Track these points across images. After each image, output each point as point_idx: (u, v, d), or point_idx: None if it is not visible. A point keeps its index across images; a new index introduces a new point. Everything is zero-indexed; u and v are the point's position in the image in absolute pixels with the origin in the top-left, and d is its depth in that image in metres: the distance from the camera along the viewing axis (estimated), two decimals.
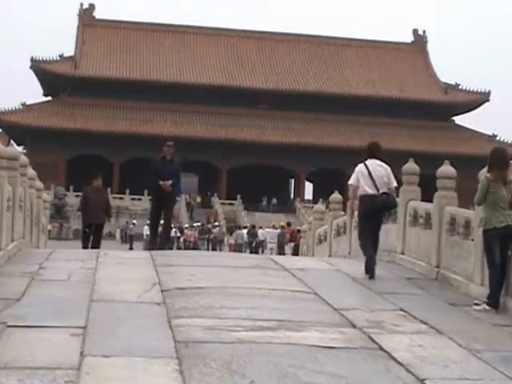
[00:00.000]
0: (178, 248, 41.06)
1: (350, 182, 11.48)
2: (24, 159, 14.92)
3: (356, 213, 11.61)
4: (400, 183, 13.50)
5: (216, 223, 51.94)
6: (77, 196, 64.95)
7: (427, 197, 12.51)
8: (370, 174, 11.17)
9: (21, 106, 70.72)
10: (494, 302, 8.64)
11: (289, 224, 41.69)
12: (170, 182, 14.52)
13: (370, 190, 11.06)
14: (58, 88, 72.75)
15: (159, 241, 15.04)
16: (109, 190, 67.64)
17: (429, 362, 6.22)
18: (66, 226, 55.48)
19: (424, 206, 12.43)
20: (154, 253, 13.44)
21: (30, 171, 16.12)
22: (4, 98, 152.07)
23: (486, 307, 8.62)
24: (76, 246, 24.43)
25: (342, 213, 17.56)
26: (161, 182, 14.46)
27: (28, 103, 71.40)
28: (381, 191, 11.12)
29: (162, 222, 15.67)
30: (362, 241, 11.39)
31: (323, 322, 7.54)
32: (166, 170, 14.62)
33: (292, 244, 37.21)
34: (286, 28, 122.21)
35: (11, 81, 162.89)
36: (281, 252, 36.12)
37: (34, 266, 10.55)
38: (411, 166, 13.64)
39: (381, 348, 6.62)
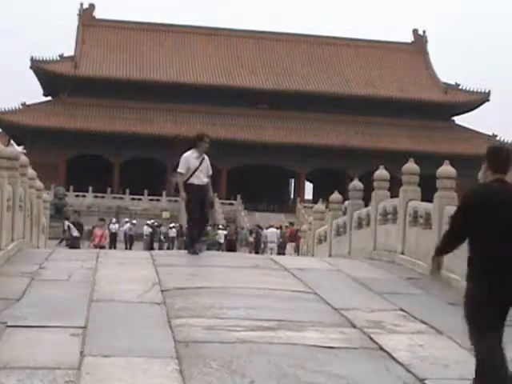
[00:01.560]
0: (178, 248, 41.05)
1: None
2: (24, 159, 14.94)
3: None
4: (400, 183, 13.55)
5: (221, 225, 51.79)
6: (77, 196, 65.20)
7: (427, 197, 12.52)
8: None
9: (21, 106, 70.70)
10: None
11: (291, 224, 41.68)
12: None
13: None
14: (57, 88, 72.72)
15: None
16: (109, 189, 68.13)
17: (429, 362, 6.22)
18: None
19: (424, 206, 12.45)
20: (153, 253, 13.45)
21: (30, 171, 16.14)
22: (4, 98, 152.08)
23: None
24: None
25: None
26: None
27: (28, 103, 71.37)
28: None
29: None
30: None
31: (323, 322, 7.54)
32: None
33: (293, 244, 37.25)
34: (285, 28, 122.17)
35: (11, 81, 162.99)
36: (281, 252, 36.13)
37: (34, 265, 10.56)
38: (411, 165, 13.66)
39: (381, 348, 6.62)
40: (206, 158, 12.82)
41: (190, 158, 12.62)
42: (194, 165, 12.56)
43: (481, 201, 5.22)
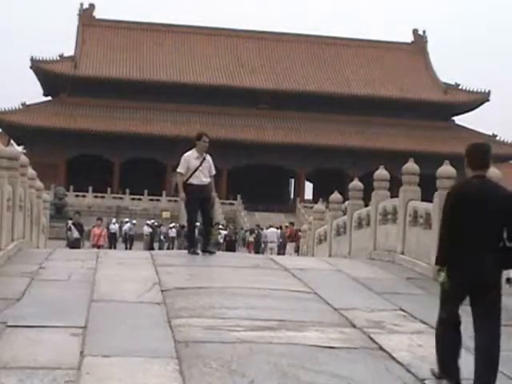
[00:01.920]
0: (178, 248, 41.05)
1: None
2: (24, 159, 14.94)
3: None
4: (400, 183, 13.55)
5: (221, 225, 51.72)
6: (77, 196, 65.22)
7: (427, 197, 12.51)
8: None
9: (21, 106, 70.71)
10: None
11: (292, 224, 41.70)
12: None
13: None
14: (58, 88, 72.72)
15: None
16: (109, 189, 68.14)
17: (429, 362, 6.22)
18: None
19: (424, 206, 12.44)
20: (154, 253, 13.45)
21: (30, 171, 16.14)
22: (4, 98, 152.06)
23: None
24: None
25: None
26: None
27: (28, 103, 71.37)
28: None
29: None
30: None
31: (323, 321, 7.54)
32: None
33: (293, 244, 37.23)
34: (286, 28, 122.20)
35: (11, 81, 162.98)
36: (281, 252, 36.13)
37: (33, 265, 10.55)
38: (411, 166, 13.66)
39: (381, 348, 6.62)
40: (209, 158, 12.69)
41: (189, 158, 12.54)
42: (193, 165, 12.46)
43: (462, 197, 5.60)
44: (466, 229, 5.54)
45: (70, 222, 25.28)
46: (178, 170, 12.58)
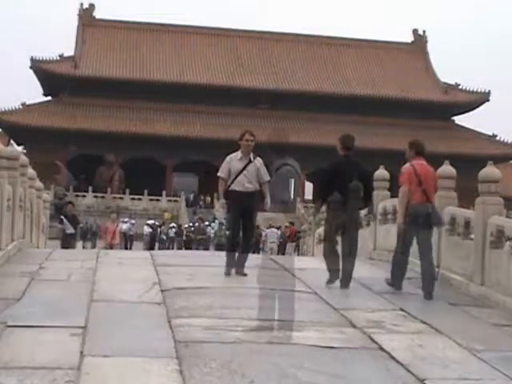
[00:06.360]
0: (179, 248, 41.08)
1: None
2: (24, 159, 14.94)
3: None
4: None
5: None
6: (77, 196, 65.21)
7: None
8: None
9: (21, 106, 70.66)
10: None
11: (292, 224, 41.73)
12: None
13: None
14: (57, 88, 72.67)
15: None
16: (109, 189, 68.12)
17: (429, 362, 6.22)
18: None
19: None
20: (153, 253, 13.45)
21: (30, 171, 16.13)
22: (4, 98, 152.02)
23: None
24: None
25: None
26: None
27: (28, 103, 71.32)
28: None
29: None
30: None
31: (323, 321, 7.55)
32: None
33: (293, 244, 37.28)
34: (286, 28, 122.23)
35: (11, 81, 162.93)
36: (281, 252, 36.15)
37: (33, 265, 10.56)
38: None
39: (381, 348, 6.62)
40: (258, 160, 10.86)
41: (231, 159, 10.73)
42: (236, 168, 10.60)
43: (338, 167, 10.05)
44: (341, 187, 9.70)
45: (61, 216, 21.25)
46: (218, 173, 10.77)
